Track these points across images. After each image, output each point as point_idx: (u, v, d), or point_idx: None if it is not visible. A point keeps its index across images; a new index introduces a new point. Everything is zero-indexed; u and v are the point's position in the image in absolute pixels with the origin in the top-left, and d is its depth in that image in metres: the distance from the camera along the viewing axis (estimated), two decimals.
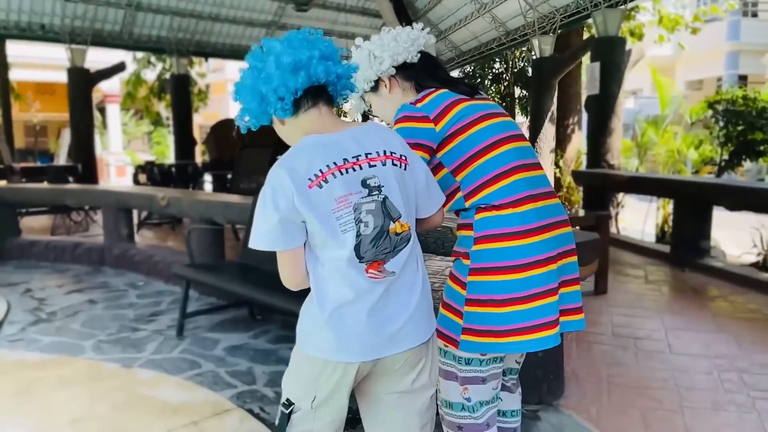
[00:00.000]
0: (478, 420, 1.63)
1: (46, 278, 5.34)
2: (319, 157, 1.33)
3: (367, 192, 1.32)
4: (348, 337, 1.33)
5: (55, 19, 9.54)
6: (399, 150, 1.41)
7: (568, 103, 9.58)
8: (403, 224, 1.35)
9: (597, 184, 6.37)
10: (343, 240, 1.31)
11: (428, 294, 1.44)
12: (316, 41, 1.42)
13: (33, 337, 3.73)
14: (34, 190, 6.45)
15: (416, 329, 1.39)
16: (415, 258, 1.41)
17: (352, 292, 1.32)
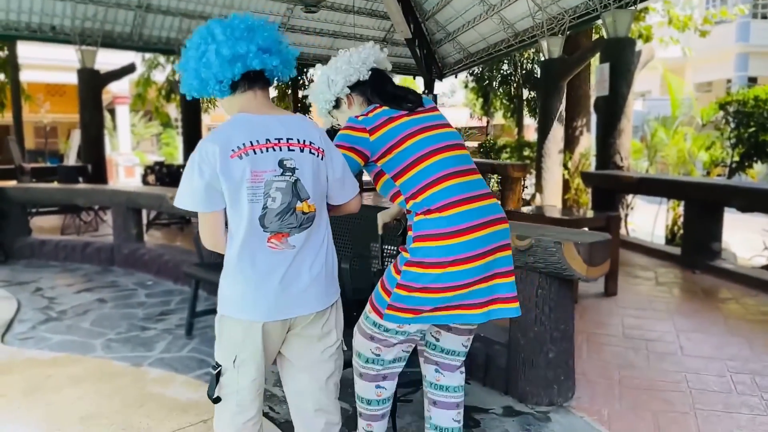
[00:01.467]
0: (378, 372, 1.95)
1: (56, 277, 5.37)
2: (244, 133, 1.52)
3: (281, 171, 1.53)
4: (255, 299, 1.53)
5: (65, 20, 9.60)
6: (317, 142, 1.62)
7: (577, 104, 9.54)
8: (310, 205, 1.57)
9: (606, 185, 6.33)
10: (249, 209, 1.50)
11: (332, 268, 1.66)
12: (256, 33, 1.59)
13: (43, 336, 3.74)
14: (45, 190, 6.49)
15: (318, 296, 1.60)
16: (321, 236, 1.62)
17: (256, 258, 1.52)
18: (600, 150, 7.01)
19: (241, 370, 1.59)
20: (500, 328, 3.10)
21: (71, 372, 3.09)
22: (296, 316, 1.59)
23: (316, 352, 1.67)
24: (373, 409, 1.99)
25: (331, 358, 1.70)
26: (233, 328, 1.58)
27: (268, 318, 1.55)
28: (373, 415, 1.99)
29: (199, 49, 1.58)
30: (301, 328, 1.62)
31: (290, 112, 1.69)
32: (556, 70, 8.32)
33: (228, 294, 1.58)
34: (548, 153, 8.47)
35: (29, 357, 3.32)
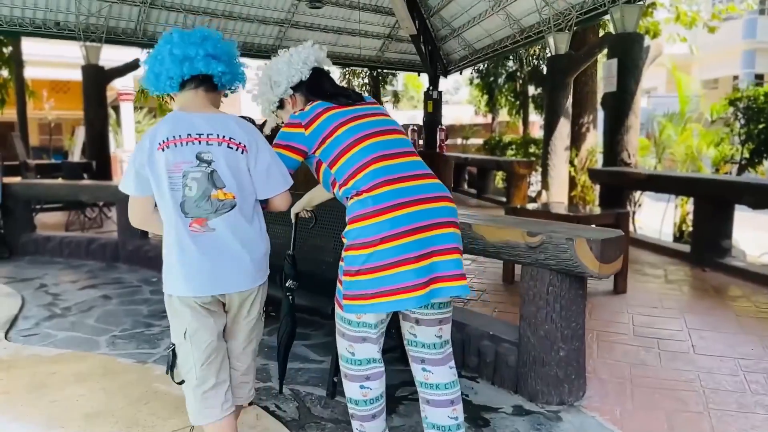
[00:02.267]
0: (358, 372, 1.96)
1: (60, 274, 5.35)
2: (170, 128, 1.75)
3: (198, 163, 1.73)
4: (189, 276, 1.74)
5: (69, 16, 9.58)
6: (239, 137, 1.79)
7: (583, 100, 9.48)
8: (226, 193, 1.75)
9: (614, 182, 6.27)
10: (171, 196, 1.72)
11: (259, 252, 1.84)
12: (208, 42, 1.84)
13: (47, 332, 3.72)
14: (49, 186, 6.47)
15: (243, 276, 1.80)
16: (246, 222, 1.80)
17: (183, 241, 1.73)
18: (607, 147, 6.95)
19: (193, 340, 1.78)
20: (510, 326, 3.06)
21: (75, 369, 3.06)
22: (226, 293, 1.80)
23: (240, 324, 1.92)
24: (361, 409, 1.99)
25: (251, 329, 1.95)
26: (176, 305, 1.78)
27: (201, 293, 1.76)
28: (363, 416, 2.00)
29: (158, 49, 1.85)
30: (232, 303, 1.85)
31: (222, 112, 1.88)
32: (562, 66, 8.25)
33: (166, 274, 1.79)
34: (554, 150, 8.41)
35: (33, 353, 3.29)
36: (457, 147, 14.31)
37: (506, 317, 3.63)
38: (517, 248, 2.71)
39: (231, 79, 1.91)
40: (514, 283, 4.50)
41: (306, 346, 3.45)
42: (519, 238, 2.68)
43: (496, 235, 2.80)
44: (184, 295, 1.76)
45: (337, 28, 12.42)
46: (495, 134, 13.11)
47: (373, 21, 12.50)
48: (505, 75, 13.42)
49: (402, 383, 2.91)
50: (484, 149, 12.37)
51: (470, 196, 10.78)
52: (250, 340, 1.97)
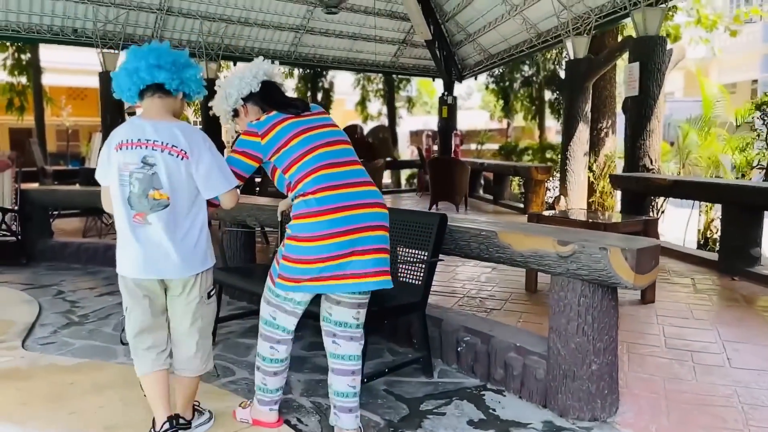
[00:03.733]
0: (272, 335, 2.34)
1: (77, 280, 5.33)
2: (128, 132, 2.10)
3: (142, 165, 2.06)
4: (128, 259, 2.11)
5: (87, 23, 9.64)
6: (181, 145, 2.09)
7: (602, 105, 9.35)
8: (161, 194, 2.07)
9: (637, 188, 6.14)
10: (120, 191, 2.08)
11: (187, 247, 2.14)
12: (152, 54, 2.13)
13: (65, 341, 3.68)
14: (67, 193, 6.48)
15: (171, 266, 2.12)
16: (181, 219, 2.12)
17: (127, 229, 2.09)
18: (629, 152, 6.82)
19: (130, 315, 2.20)
20: (537, 338, 2.96)
21: (94, 379, 3.01)
22: (165, 278, 2.14)
23: (181, 305, 2.22)
24: (267, 365, 2.37)
25: (194, 311, 2.24)
26: (121, 283, 2.17)
27: (137, 275, 2.12)
28: (266, 371, 2.38)
29: (120, 66, 2.19)
30: (172, 288, 2.19)
31: (173, 120, 2.16)
32: (581, 71, 8.13)
33: (117, 255, 2.15)
34: (573, 155, 8.28)
35: (51, 363, 3.25)
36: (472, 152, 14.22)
37: (531, 327, 3.53)
38: (546, 258, 2.62)
39: (180, 84, 2.17)
40: (536, 292, 4.40)
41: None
42: (549, 247, 2.59)
43: (525, 244, 2.71)
44: (124, 275, 2.14)
45: (352, 34, 12.39)
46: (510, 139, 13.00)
47: (388, 26, 12.46)
48: (521, 80, 13.30)
49: (426, 396, 2.82)
50: (500, 155, 12.25)
51: (486, 202, 10.67)
52: (194, 320, 2.25)
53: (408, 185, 14.51)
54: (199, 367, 2.32)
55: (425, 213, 3.22)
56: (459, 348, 3.19)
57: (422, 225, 3.09)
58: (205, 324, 2.32)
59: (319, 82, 13.82)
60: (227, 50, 11.20)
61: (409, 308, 2.97)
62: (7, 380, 3.00)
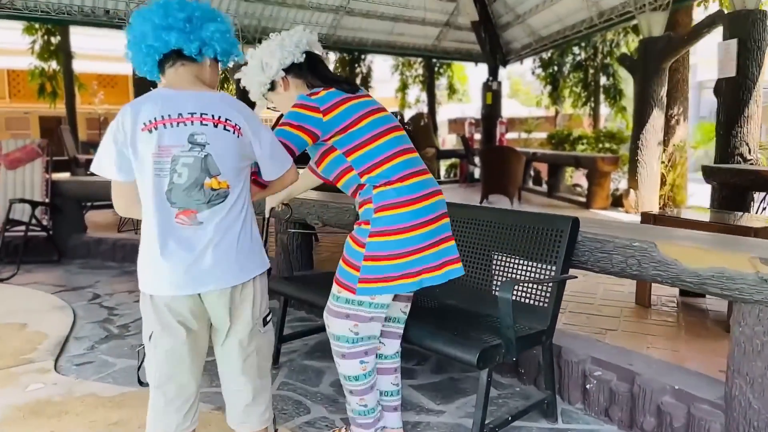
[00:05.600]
0: (359, 349, 2.03)
1: (114, 282, 4.83)
2: (157, 107, 1.54)
3: (190, 147, 1.53)
4: (160, 272, 1.54)
5: (119, 3, 9.14)
6: (235, 119, 1.60)
7: (673, 90, 8.51)
8: (220, 182, 1.56)
9: (738, 181, 5.38)
10: (155, 183, 1.52)
11: (247, 245, 1.63)
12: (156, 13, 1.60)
13: (104, 359, 3.15)
14: (102, 184, 5.95)
15: (226, 274, 1.58)
16: (236, 213, 1.60)
17: (165, 234, 1.53)
18: (721, 140, 6.04)
19: (157, 344, 1.60)
20: (706, 379, 2.31)
21: (142, 418, 2.43)
22: (206, 292, 1.58)
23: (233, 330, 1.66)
24: (361, 383, 2.07)
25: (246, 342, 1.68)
26: (147, 304, 1.60)
27: (176, 292, 1.56)
28: (363, 389, 2.07)
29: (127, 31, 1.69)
30: (216, 307, 1.62)
31: (211, 90, 1.68)
32: (658, 51, 7.33)
33: (143, 269, 1.59)
34: (646, 144, 7.51)
35: (89, 392, 2.71)
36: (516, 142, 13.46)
37: (667, 357, 2.88)
38: (738, 280, 1.96)
39: (201, 45, 1.64)
40: (651, 307, 3.72)
41: (414, 388, 2.78)
42: (744, 267, 1.93)
43: (704, 261, 2.06)
44: (159, 294, 1.57)
45: (394, 16, 11.70)
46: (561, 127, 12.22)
47: (431, 7, 11.72)
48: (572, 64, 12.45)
49: None
50: (550, 144, 11.48)
51: (539, 195, 9.95)
52: (247, 355, 1.69)
53: (447, 176, 13.81)
54: (261, 418, 1.79)
55: (550, 216, 2.58)
56: (587, 385, 2.55)
57: (547, 231, 2.46)
58: (262, 359, 1.75)
59: (356, 67, 13.15)
60: (264, 33, 10.56)
61: (536, 338, 2.34)
62: (38, 417, 2.46)
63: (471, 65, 13.84)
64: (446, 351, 2.13)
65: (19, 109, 18.04)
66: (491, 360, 2.08)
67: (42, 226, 5.35)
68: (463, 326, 2.38)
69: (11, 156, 5.47)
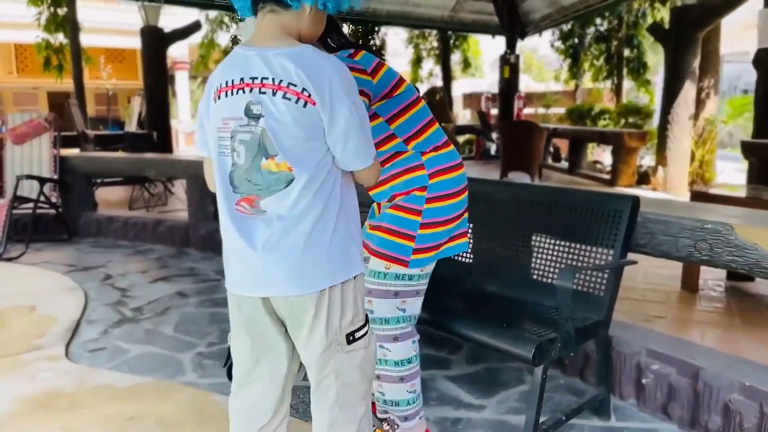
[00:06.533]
0: (410, 329, 1.90)
1: (126, 261, 4.65)
2: (227, 70, 1.32)
3: (247, 120, 1.27)
4: (230, 268, 1.38)
5: None
6: (302, 83, 1.24)
7: (703, 61, 8.11)
8: (278, 164, 1.27)
9: None
10: (219, 163, 1.33)
11: (322, 245, 1.31)
12: None
13: (118, 345, 2.97)
14: (112, 160, 5.77)
15: (286, 279, 1.31)
16: (305, 207, 1.29)
17: (227, 223, 1.34)
18: (761, 115, 5.73)
19: (233, 344, 1.48)
20: None
21: (159, 411, 2.27)
22: (273, 296, 1.34)
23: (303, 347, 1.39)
24: (413, 366, 1.92)
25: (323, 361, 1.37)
26: (229, 298, 1.44)
27: (241, 291, 1.37)
28: (413, 373, 1.92)
29: None
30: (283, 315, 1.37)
31: (291, 44, 1.30)
32: (691, 20, 6.96)
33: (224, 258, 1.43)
34: (676, 119, 7.19)
35: (103, 383, 2.52)
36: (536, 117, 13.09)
37: (724, 347, 2.65)
38: None
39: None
40: (698, 292, 3.48)
41: (450, 380, 2.58)
42: None
43: None
44: (230, 290, 1.40)
45: None
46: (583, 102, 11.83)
47: None
48: (594, 36, 11.99)
49: None
50: (569, 119, 11.12)
51: (559, 172, 9.65)
52: (322, 377, 1.39)
53: (462, 152, 13.49)
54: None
55: (607, 195, 2.35)
56: (643, 379, 2.34)
57: (603, 211, 2.22)
58: (344, 386, 1.40)
59: (370, 39, 12.77)
60: None
61: (592, 330, 2.12)
62: (47, 410, 2.28)
63: (484, 39, 13.43)
64: (497, 345, 1.91)
65: (27, 85, 17.82)
66: (547, 355, 1.87)
67: (51, 204, 5.16)
68: (510, 316, 2.16)
69: (17, 130, 5.27)
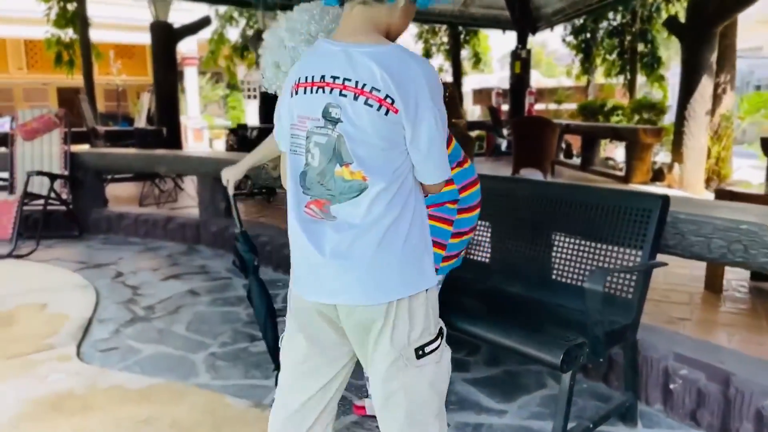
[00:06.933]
0: None
1: (137, 258, 4.61)
2: (308, 64, 1.25)
3: (324, 122, 1.20)
4: (295, 267, 1.33)
5: None
6: (385, 89, 1.15)
7: (719, 56, 7.97)
8: (353, 172, 1.20)
9: None
10: (292, 162, 1.27)
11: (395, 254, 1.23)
12: None
13: (129, 345, 2.93)
14: (123, 156, 5.73)
15: (353, 289, 1.23)
16: (377, 217, 1.21)
17: (294, 223, 1.29)
18: None
19: (286, 346, 1.41)
20: None
21: (173, 414, 2.22)
22: (336, 304, 1.26)
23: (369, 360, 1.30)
24: None
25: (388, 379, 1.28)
26: (289, 300, 1.41)
27: (306, 295, 1.30)
28: None
29: None
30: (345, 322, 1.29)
31: (380, 42, 1.21)
32: (709, 13, 6.82)
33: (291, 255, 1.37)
34: (693, 115, 7.06)
35: (115, 384, 2.48)
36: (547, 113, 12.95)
37: (746, 349, 2.56)
38: None
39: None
40: (722, 293, 3.39)
41: (469, 383, 2.51)
42: None
43: None
44: (294, 291, 1.35)
45: None
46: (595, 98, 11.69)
47: None
48: (607, 30, 11.84)
49: None
50: (581, 115, 10.98)
51: (571, 168, 9.53)
52: (390, 392, 1.28)
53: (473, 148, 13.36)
54: None
55: (636, 193, 2.27)
56: (671, 385, 2.26)
57: (631, 210, 2.14)
58: (414, 403, 1.29)
59: None
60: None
61: (620, 334, 2.04)
62: (58, 412, 2.24)
63: (493, 34, 13.29)
64: (523, 350, 1.84)
65: (37, 81, 17.87)
66: (575, 361, 1.80)
67: (61, 200, 5.13)
68: (532, 319, 2.09)
69: (28, 126, 5.23)
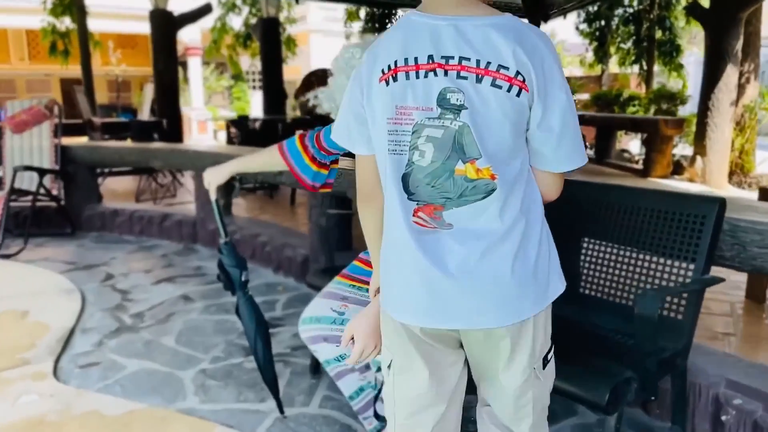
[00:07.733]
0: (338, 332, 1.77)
1: (130, 258, 4.35)
2: (402, 44, 1.01)
3: (440, 112, 0.98)
4: (397, 291, 1.10)
5: None
6: (515, 65, 0.95)
7: (743, 44, 7.59)
8: (480, 169, 0.99)
9: None
10: (391, 163, 1.03)
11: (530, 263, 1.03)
12: None
13: (112, 360, 2.66)
14: (116, 150, 5.44)
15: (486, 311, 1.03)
16: (510, 223, 1.01)
17: (398, 237, 1.06)
18: None
19: (397, 379, 1.17)
20: None
21: None
22: (460, 329, 1.07)
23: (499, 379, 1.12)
24: None
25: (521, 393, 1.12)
26: (386, 324, 1.16)
27: (416, 322, 1.08)
28: None
29: None
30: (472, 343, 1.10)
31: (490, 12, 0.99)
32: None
33: (382, 278, 1.13)
34: (717, 105, 6.70)
35: (92, 408, 2.21)
36: None
37: None
38: None
39: None
40: (765, 302, 3.08)
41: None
42: None
43: None
44: (398, 319, 1.10)
45: None
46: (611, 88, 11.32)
47: None
48: (623, 17, 11.43)
49: None
50: (595, 106, 10.62)
51: None
52: (521, 406, 1.15)
53: None
54: None
55: (687, 196, 1.97)
56: (723, 416, 1.96)
57: (681, 216, 1.83)
58: (539, 411, 1.18)
59: (387, 22, 12.31)
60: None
61: (671, 363, 1.75)
62: None
63: None
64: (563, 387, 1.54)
65: (39, 71, 17.64)
66: (622, 399, 1.51)
67: (52, 196, 4.87)
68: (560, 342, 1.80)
69: (17, 118, 4.97)
